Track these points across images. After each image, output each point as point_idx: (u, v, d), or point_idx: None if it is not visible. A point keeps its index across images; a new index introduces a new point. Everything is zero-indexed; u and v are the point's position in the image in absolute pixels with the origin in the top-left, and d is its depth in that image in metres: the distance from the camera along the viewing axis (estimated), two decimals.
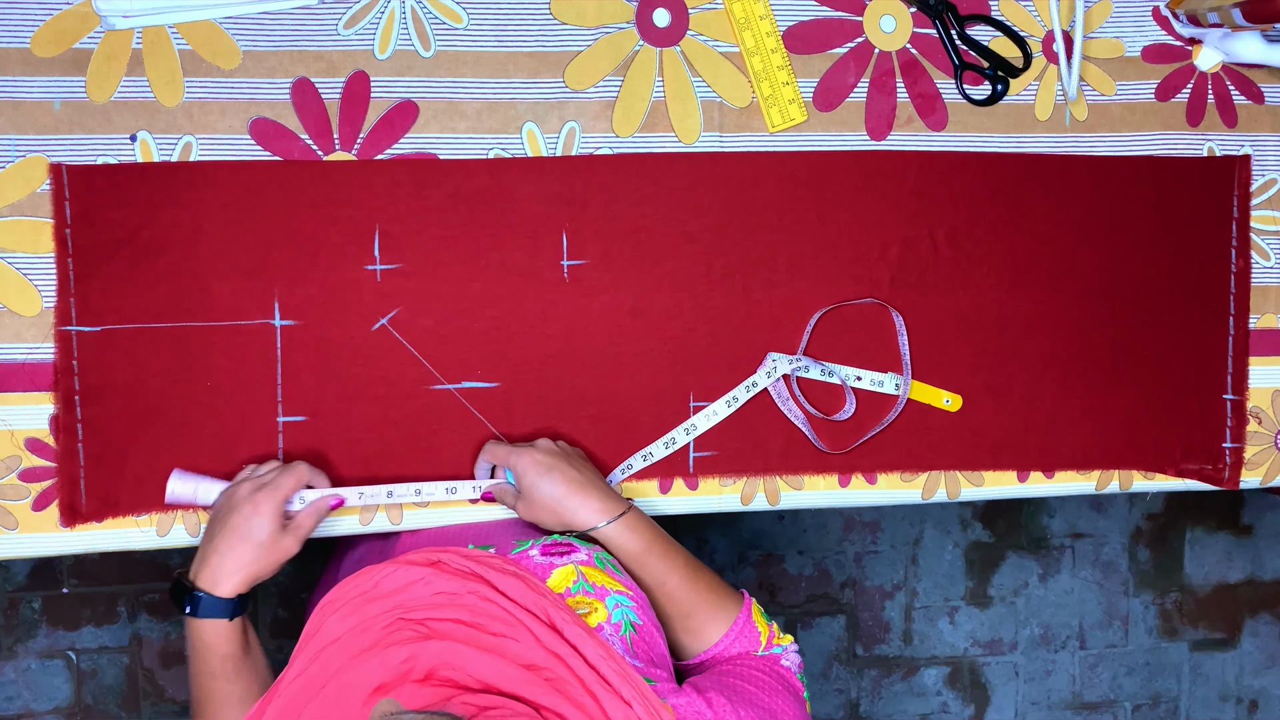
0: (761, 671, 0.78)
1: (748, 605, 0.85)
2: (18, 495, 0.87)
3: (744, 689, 0.74)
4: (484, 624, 0.67)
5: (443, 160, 0.90)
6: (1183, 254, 1.00)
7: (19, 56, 0.85)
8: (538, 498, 0.84)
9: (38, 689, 1.74)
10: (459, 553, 0.72)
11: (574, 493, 0.83)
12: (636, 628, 0.74)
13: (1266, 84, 1.00)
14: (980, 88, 0.97)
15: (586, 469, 0.86)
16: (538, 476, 0.83)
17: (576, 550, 0.78)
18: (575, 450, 0.89)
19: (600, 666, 0.65)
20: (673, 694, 0.68)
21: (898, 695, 1.95)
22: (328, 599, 0.70)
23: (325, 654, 0.66)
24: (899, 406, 0.96)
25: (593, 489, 0.84)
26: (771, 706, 0.73)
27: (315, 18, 0.88)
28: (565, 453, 0.86)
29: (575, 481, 0.83)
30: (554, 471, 0.83)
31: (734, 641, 0.83)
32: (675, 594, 0.83)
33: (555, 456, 0.85)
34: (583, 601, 0.74)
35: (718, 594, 0.84)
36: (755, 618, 0.84)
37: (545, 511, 0.84)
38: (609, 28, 0.91)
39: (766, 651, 0.83)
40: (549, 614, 0.68)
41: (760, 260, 0.94)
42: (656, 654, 0.75)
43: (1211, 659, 2.03)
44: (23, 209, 0.86)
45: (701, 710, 0.68)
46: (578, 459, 0.87)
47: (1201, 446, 1.02)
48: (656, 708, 0.65)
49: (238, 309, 0.88)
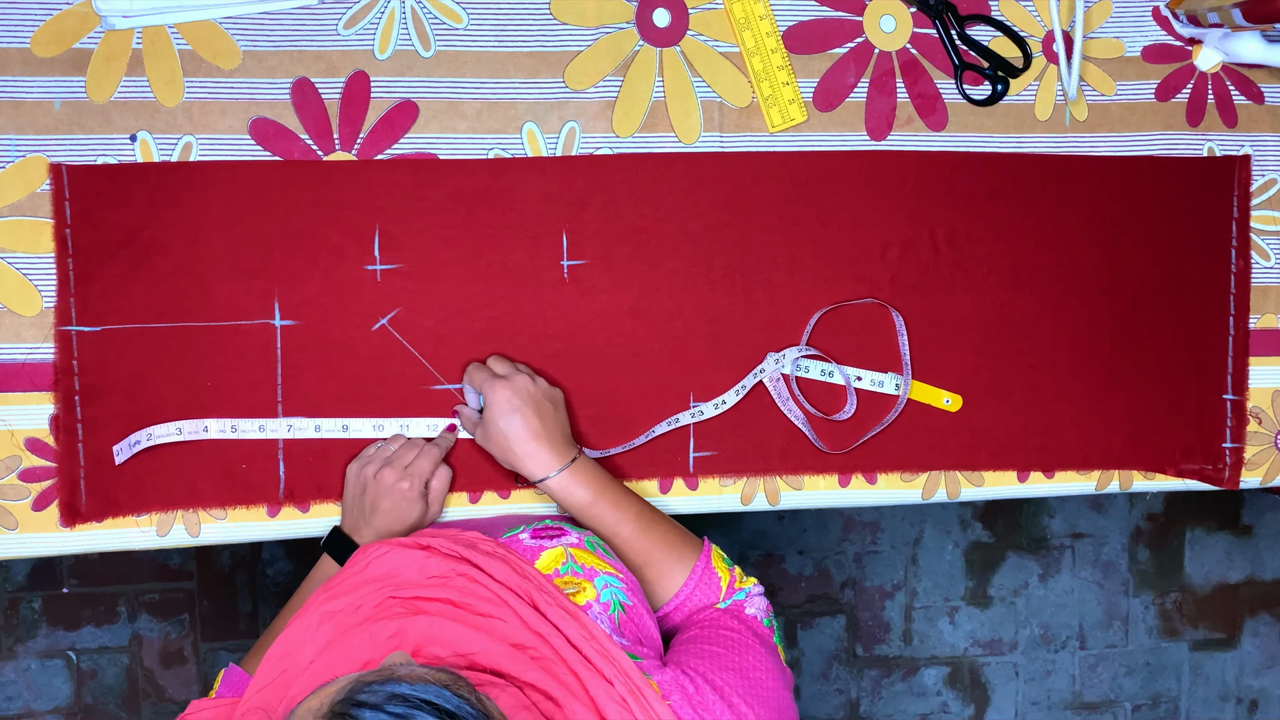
0: (728, 629, 0.78)
1: (707, 550, 0.85)
2: (18, 495, 0.87)
3: (715, 653, 0.74)
4: (471, 604, 0.69)
5: (443, 160, 0.90)
6: (1183, 254, 1.00)
7: (19, 56, 0.85)
8: (494, 432, 0.85)
9: (38, 689, 1.74)
10: (450, 536, 0.74)
11: (527, 440, 0.84)
12: (625, 608, 0.75)
13: (1266, 84, 1.00)
14: (980, 88, 0.97)
15: (551, 419, 0.86)
16: (500, 413, 0.84)
17: (567, 534, 0.79)
18: (554, 394, 0.88)
19: (583, 646, 0.67)
20: (657, 670, 0.70)
21: (898, 695, 1.95)
22: (327, 583, 0.72)
23: (319, 628, 0.68)
24: (899, 406, 0.96)
25: (546, 441, 0.84)
26: (743, 665, 0.74)
27: (315, 18, 0.88)
28: (536, 398, 0.86)
29: (532, 430, 0.84)
30: (516, 414, 0.84)
31: (695, 589, 0.83)
32: (630, 542, 0.84)
33: (524, 399, 0.85)
34: (571, 582, 0.75)
35: (675, 541, 0.85)
36: (715, 563, 0.84)
37: (496, 448, 0.86)
38: (609, 28, 0.91)
39: (729, 600, 0.83)
40: (532, 596, 0.70)
41: (760, 260, 0.94)
42: (645, 634, 0.76)
43: (1211, 659, 2.03)
44: (23, 209, 0.86)
45: (683, 684, 0.69)
46: (547, 405, 0.86)
47: (1201, 446, 1.02)
48: (640, 685, 0.66)
49: (238, 309, 0.88)
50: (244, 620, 1.76)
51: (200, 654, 1.77)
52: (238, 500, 0.90)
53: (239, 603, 1.76)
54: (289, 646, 0.69)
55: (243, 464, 0.89)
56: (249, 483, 0.90)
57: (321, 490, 0.90)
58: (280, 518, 0.91)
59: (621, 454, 0.94)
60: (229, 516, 0.90)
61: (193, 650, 1.77)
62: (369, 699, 0.53)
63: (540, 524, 0.81)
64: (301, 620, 0.70)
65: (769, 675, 0.74)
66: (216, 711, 0.76)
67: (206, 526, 0.90)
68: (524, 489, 0.93)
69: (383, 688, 0.54)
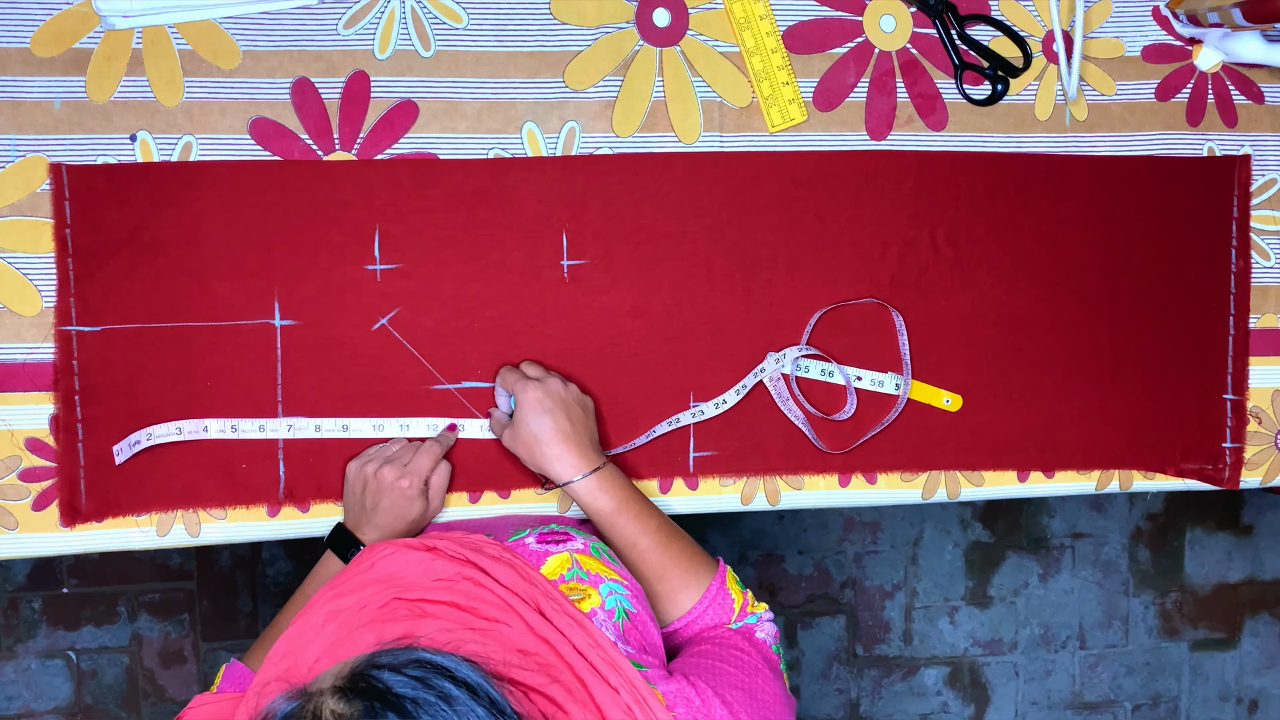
0: (739, 650, 0.78)
1: (722, 572, 0.85)
2: (18, 495, 0.87)
3: (725, 671, 0.74)
4: (477, 608, 0.68)
5: (443, 160, 0.90)
6: (1183, 254, 1.00)
7: (19, 56, 0.85)
8: (523, 432, 0.85)
9: (38, 689, 1.74)
10: (455, 539, 0.73)
11: (556, 441, 0.84)
12: (630, 615, 0.75)
13: (1266, 84, 1.00)
14: (980, 88, 0.97)
15: (580, 423, 0.87)
16: (531, 413, 0.85)
17: (573, 539, 0.79)
18: (584, 400, 0.89)
19: (589, 654, 0.67)
20: (662, 680, 0.70)
21: (898, 695, 1.95)
22: (331, 580, 0.72)
23: (325, 626, 0.68)
24: (899, 406, 0.96)
25: (574, 444, 0.85)
26: (752, 686, 0.74)
27: (315, 18, 0.88)
28: (567, 401, 0.87)
29: (562, 431, 0.85)
30: (547, 415, 0.85)
31: (707, 609, 0.83)
32: (647, 556, 0.84)
33: (555, 400, 0.86)
34: (576, 588, 0.75)
35: (692, 559, 0.85)
36: (729, 585, 0.84)
37: (524, 448, 0.86)
38: (609, 28, 0.91)
39: (741, 622, 0.83)
40: (538, 602, 0.70)
41: (760, 260, 0.94)
42: (649, 642, 0.75)
43: (1211, 659, 2.03)
44: (23, 209, 0.86)
45: (690, 696, 0.69)
46: (577, 410, 0.87)
47: (1201, 446, 1.02)
48: (645, 695, 0.66)
49: (238, 309, 0.88)
50: (244, 620, 1.76)
51: (200, 654, 1.77)
52: (238, 500, 0.90)
53: (239, 603, 1.76)
54: (294, 644, 0.69)
55: (243, 464, 0.89)
56: (249, 483, 0.90)
57: (321, 490, 0.90)
58: (280, 518, 0.91)
59: (622, 454, 0.94)
60: (229, 516, 0.90)
61: (193, 650, 1.77)
62: (389, 661, 0.55)
63: (546, 529, 0.81)
64: (307, 618, 0.70)
65: (776, 701, 0.73)
66: (219, 706, 0.75)
67: (206, 526, 0.90)
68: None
69: (404, 653, 0.55)
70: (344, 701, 0.53)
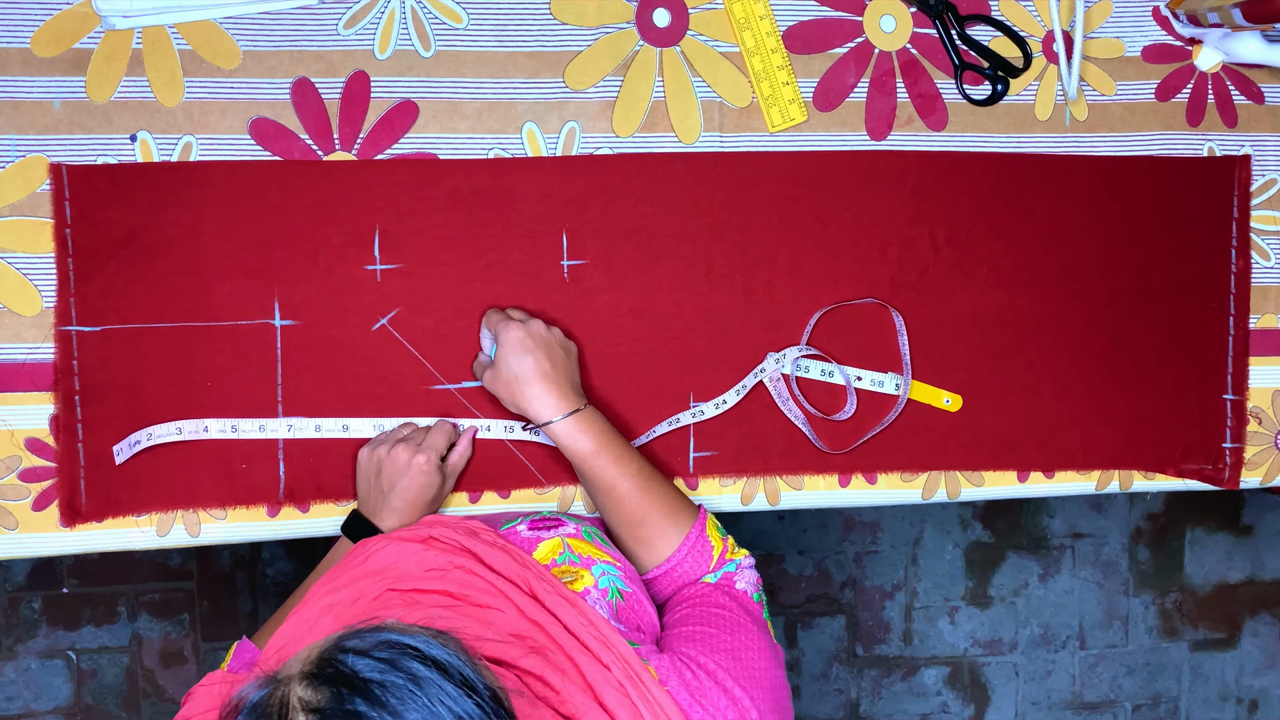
0: (720, 607, 0.78)
1: (703, 518, 0.85)
2: (18, 495, 0.87)
3: (707, 634, 0.75)
4: (469, 595, 0.69)
5: (443, 160, 0.90)
6: (1183, 254, 1.00)
7: (19, 56, 0.85)
8: (503, 372, 0.84)
9: (38, 689, 1.74)
10: (452, 525, 0.73)
11: (536, 381, 0.83)
12: (624, 594, 0.75)
13: (1266, 84, 1.00)
14: (980, 88, 0.97)
15: (562, 365, 0.86)
16: (512, 353, 0.84)
17: (564, 524, 0.80)
18: (567, 344, 0.89)
19: (580, 633, 0.67)
20: (653, 655, 0.70)
21: (898, 695, 1.95)
22: (328, 574, 0.73)
23: (321, 619, 0.69)
24: (899, 406, 0.96)
25: (554, 384, 0.84)
26: (735, 646, 0.74)
27: (315, 18, 0.88)
28: (549, 343, 0.86)
29: (542, 371, 0.84)
30: (528, 355, 0.84)
31: (686, 555, 0.83)
32: (627, 500, 0.83)
33: (537, 341, 0.85)
34: (569, 570, 0.75)
35: (672, 504, 0.85)
36: (709, 531, 0.84)
37: (504, 388, 0.85)
38: (609, 28, 0.91)
39: (720, 571, 0.83)
40: (531, 585, 0.70)
41: (760, 260, 0.94)
42: (644, 621, 0.76)
43: (1211, 659, 2.03)
44: (23, 209, 0.86)
45: (681, 671, 0.70)
46: (559, 352, 0.86)
47: (1201, 446, 1.02)
48: (637, 670, 0.67)
49: (238, 309, 0.88)
50: (244, 620, 1.76)
51: (200, 654, 1.77)
52: (238, 500, 0.90)
53: (239, 603, 1.76)
54: (291, 637, 0.69)
55: (243, 464, 0.89)
56: (249, 483, 0.90)
57: (322, 490, 0.90)
58: (280, 518, 0.91)
59: None
60: (229, 516, 0.90)
61: (193, 650, 1.77)
62: (356, 644, 0.54)
63: (537, 516, 0.82)
64: (303, 612, 0.71)
65: (761, 655, 0.74)
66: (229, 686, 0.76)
67: (206, 526, 0.90)
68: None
69: (372, 635, 0.55)
70: (311, 688, 0.53)
